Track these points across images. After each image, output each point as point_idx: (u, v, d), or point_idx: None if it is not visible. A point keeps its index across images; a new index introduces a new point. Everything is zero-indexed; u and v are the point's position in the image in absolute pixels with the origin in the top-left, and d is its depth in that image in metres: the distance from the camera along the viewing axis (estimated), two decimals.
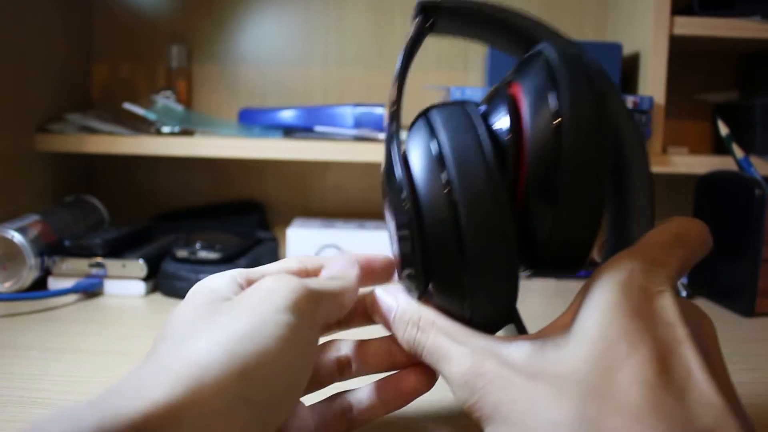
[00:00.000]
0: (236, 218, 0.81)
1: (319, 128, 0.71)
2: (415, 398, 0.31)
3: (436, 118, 0.27)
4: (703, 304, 0.61)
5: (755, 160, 0.64)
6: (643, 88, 0.69)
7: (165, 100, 0.74)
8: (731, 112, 0.76)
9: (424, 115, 0.28)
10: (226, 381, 0.20)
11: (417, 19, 0.30)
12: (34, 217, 0.62)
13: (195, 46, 0.84)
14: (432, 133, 0.26)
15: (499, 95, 0.28)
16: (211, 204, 0.86)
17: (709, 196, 0.64)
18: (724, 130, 0.62)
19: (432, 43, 0.83)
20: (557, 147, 0.25)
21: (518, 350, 0.25)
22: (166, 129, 0.72)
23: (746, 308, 0.57)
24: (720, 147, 0.78)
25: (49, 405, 0.36)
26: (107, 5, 0.84)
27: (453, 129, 0.26)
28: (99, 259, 0.59)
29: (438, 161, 0.25)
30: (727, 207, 0.61)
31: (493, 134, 0.26)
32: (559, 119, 0.25)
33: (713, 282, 0.62)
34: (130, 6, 0.84)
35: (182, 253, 0.60)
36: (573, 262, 0.28)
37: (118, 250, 0.61)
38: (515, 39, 0.31)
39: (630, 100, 0.64)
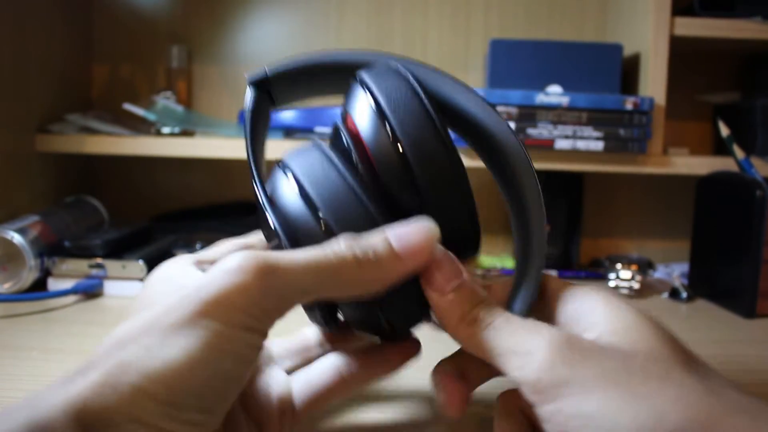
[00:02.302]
0: (236, 219, 0.81)
1: (319, 129, 0.71)
2: (403, 367, 0.31)
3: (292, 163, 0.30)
4: (703, 305, 0.62)
5: (756, 161, 0.64)
6: (644, 89, 0.69)
7: (165, 100, 0.74)
8: (732, 113, 0.76)
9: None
10: (153, 386, 0.20)
11: (250, 93, 0.32)
12: (34, 218, 0.62)
13: (195, 47, 0.84)
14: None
15: (337, 129, 0.31)
16: (211, 204, 0.85)
17: (710, 197, 0.64)
18: (724, 131, 0.62)
19: (432, 43, 0.84)
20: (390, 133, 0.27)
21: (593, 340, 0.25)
22: (166, 129, 0.72)
23: (747, 309, 0.57)
24: (721, 148, 0.78)
25: None
26: (107, 5, 0.84)
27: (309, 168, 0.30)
28: (99, 260, 0.59)
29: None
30: (728, 208, 0.60)
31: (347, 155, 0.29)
32: (381, 110, 0.27)
33: (714, 283, 0.62)
34: (131, 6, 0.84)
35: (182, 254, 0.60)
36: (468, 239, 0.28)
37: (117, 250, 0.61)
38: (347, 76, 0.32)
39: (631, 101, 0.64)
